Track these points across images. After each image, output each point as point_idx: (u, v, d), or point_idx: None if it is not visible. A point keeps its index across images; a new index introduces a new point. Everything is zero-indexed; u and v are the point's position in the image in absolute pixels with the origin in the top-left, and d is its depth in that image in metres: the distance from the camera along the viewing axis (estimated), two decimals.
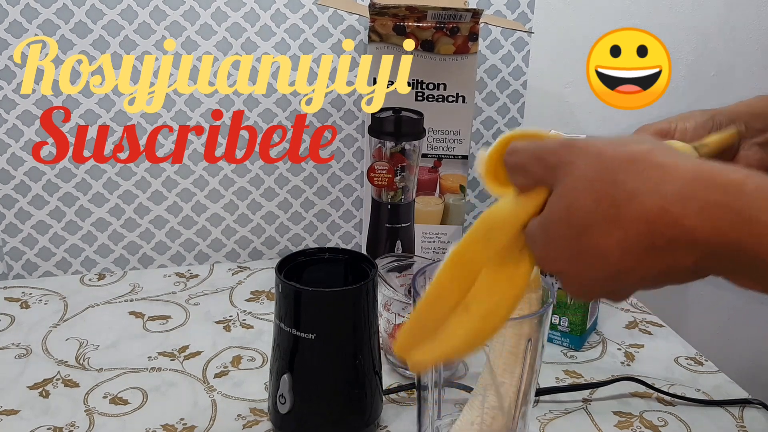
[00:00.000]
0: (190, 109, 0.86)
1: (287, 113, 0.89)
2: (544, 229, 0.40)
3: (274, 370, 0.58)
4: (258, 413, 0.63)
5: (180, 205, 0.90)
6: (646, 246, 0.36)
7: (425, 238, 0.79)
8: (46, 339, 0.74)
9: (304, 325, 0.55)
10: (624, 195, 0.36)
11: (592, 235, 0.37)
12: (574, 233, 0.38)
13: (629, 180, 0.36)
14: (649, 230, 0.36)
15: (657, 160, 0.37)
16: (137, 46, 0.82)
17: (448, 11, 0.71)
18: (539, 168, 0.41)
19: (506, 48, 0.93)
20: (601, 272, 0.38)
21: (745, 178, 0.35)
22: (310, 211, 0.95)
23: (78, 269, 0.90)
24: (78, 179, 0.85)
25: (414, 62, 0.73)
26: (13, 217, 0.85)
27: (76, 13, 0.79)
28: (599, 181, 0.37)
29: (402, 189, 0.78)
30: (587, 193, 0.38)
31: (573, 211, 0.38)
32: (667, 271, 0.37)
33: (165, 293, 0.85)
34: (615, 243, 0.37)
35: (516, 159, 0.42)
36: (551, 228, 0.40)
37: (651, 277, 0.37)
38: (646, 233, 0.36)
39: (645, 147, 0.38)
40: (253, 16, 0.84)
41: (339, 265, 0.62)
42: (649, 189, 0.36)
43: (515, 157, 0.42)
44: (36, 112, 0.81)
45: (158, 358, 0.71)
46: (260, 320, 0.79)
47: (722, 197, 0.34)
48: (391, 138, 0.76)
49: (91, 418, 0.62)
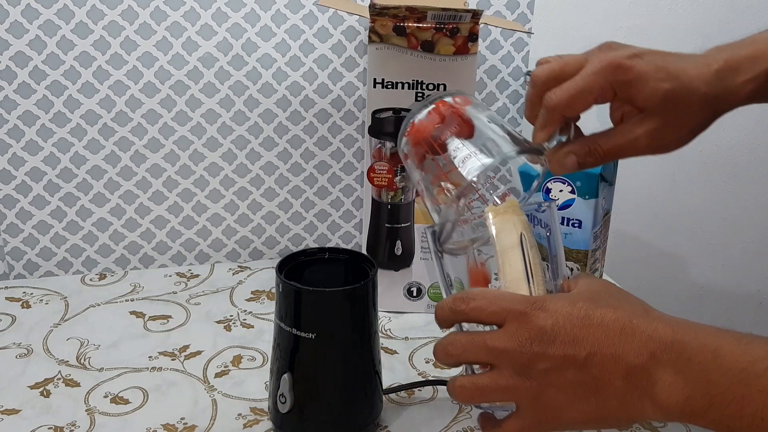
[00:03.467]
0: (190, 110, 0.86)
1: (287, 113, 0.89)
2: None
3: (275, 370, 0.58)
4: (258, 413, 0.63)
5: (180, 205, 0.90)
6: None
7: (425, 238, 0.80)
8: (47, 339, 0.74)
9: (305, 325, 0.55)
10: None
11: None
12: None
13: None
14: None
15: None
16: (138, 46, 0.82)
17: (448, 12, 0.71)
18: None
19: (506, 48, 0.93)
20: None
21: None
22: (310, 211, 0.95)
23: (79, 269, 0.90)
24: (79, 179, 0.86)
25: (414, 62, 0.74)
26: (14, 217, 0.85)
27: (76, 13, 0.79)
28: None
29: (402, 189, 0.78)
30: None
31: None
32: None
33: (166, 293, 0.85)
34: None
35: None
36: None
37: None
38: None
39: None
40: (253, 16, 0.84)
41: (339, 265, 0.62)
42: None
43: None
44: (37, 113, 0.81)
45: (159, 357, 0.72)
46: (261, 320, 0.80)
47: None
48: (391, 138, 0.76)
49: (91, 417, 0.62)
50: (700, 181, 1.14)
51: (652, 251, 1.17)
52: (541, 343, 0.42)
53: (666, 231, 1.16)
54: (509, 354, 0.43)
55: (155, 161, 0.87)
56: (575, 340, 0.42)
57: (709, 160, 1.12)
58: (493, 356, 0.44)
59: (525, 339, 0.42)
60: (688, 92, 0.49)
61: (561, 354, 0.42)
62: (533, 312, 0.43)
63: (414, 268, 0.81)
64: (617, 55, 0.49)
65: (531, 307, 0.43)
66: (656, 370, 0.40)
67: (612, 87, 0.49)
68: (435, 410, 0.65)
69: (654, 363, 0.40)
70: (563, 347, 0.42)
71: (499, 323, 0.44)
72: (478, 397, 0.46)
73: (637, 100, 0.49)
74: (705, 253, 1.20)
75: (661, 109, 0.49)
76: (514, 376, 0.43)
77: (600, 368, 0.41)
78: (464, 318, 0.46)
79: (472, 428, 0.62)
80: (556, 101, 0.49)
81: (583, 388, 0.42)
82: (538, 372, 0.42)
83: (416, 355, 0.74)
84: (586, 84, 0.49)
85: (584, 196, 0.72)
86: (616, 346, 0.41)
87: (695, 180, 1.14)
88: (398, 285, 0.81)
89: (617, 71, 0.48)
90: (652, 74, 0.48)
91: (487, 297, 0.45)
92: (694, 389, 0.39)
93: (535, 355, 0.42)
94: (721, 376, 0.38)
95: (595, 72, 0.49)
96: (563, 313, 0.42)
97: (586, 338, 0.42)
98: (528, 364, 0.43)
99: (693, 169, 1.12)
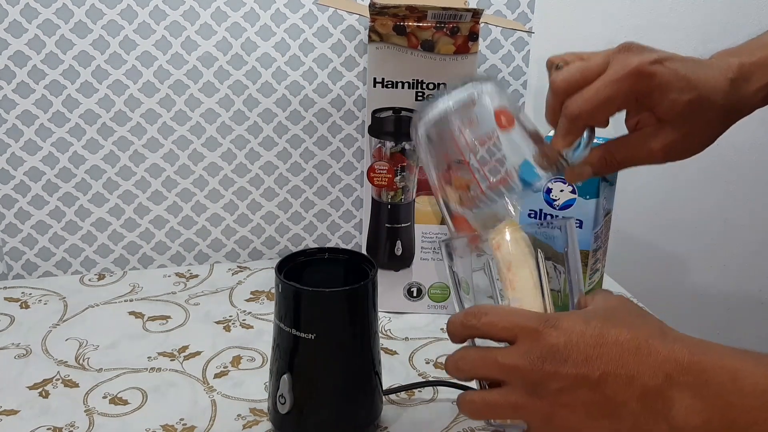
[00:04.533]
0: (190, 109, 0.86)
1: (287, 113, 0.89)
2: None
3: (274, 371, 0.58)
4: (258, 413, 0.63)
5: (180, 205, 0.90)
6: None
7: (425, 238, 0.79)
8: (45, 339, 0.74)
9: (304, 325, 0.55)
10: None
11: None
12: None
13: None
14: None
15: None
16: (137, 46, 0.82)
17: (448, 11, 0.71)
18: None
19: (506, 48, 0.93)
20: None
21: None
22: (310, 211, 0.95)
23: (78, 269, 0.90)
24: (78, 179, 0.85)
25: (414, 62, 0.73)
26: (12, 217, 0.85)
27: (75, 12, 0.79)
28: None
29: (402, 189, 0.78)
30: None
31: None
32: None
33: (165, 293, 0.85)
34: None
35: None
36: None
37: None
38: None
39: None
40: (253, 16, 0.84)
41: (339, 265, 0.62)
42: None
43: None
44: (36, 112, 0.81)
45: (158, 358, 0.71)
46: (260, 320, 0.79)
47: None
48: (391, 138, 0.76)
49: (90, 418, 0.62)
50: (702, 181, 1.14)
51: (653, 251, 1.16)
52: (554, 361, 0.41)
53: (667, 231, 1.16)
54: (520, 372, 0.42)
55: (154, 161, 0.87)
56: (588, 360, 0.41)
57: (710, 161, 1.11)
58: (504, 373, 0.43)
59: (537, 357, 0.41)
60: (707, 104, 0.48)
61: (574, 373, 0.41)
62: (546, 330, 0.42)
63: (414, 268, 0.80)
64: (640, 61, 0.48)
65: (544, 325, 0.42)
66: (673, 392, 0.39)
67: (633, 95, 0.48)
68: (435, 411, 0.65)
69: (670, 385, 0.39)
70: (576, 366, 0.41)
71: (511, 340, 0.43)
72: (486, 413, 0.45)
73: (658, 110, 0.49)
74: (706, 254, 1.19)
75: (680, 120, 0.48)
76: (525, 395, 0.42)
77: (614, 389, 0.40)
78: (476, 333, 0.45)
79: (472, 429, 0.62)
80: (576, 111, 0.48)
81: (596, 409, 0.41)
82: (550, 392, 0.41)
83: (416, 355, 0.74)
84: (608, 93, 0.47)
85: (585, 196, 0.72)
86: (630, 366, 0.40)
87: (696, 180, 1.13)
88: (398, 285, 0.81)
89: (640, 79, 0.47)
90: (674, 83, 0.47)
91: (500, 313, 0.44)
92: (713, 412, 0.38)
93: (546, 374, 0.41)
94: (740, 399, 0.38)
95: (617, 79, 0.47)
96: (577, 332, 0.41)
97: (599, 358, 0.41)
98: (540, 382, 0.42)
99: (694, 170, 1.12)
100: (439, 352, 0.74)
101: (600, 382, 0.40)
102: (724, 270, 1.21)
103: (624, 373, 0.40)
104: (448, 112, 0.52)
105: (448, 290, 0.81)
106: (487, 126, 0.51)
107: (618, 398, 0.40)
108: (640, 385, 0.40)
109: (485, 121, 0.51)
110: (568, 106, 0.49)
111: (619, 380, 0.40)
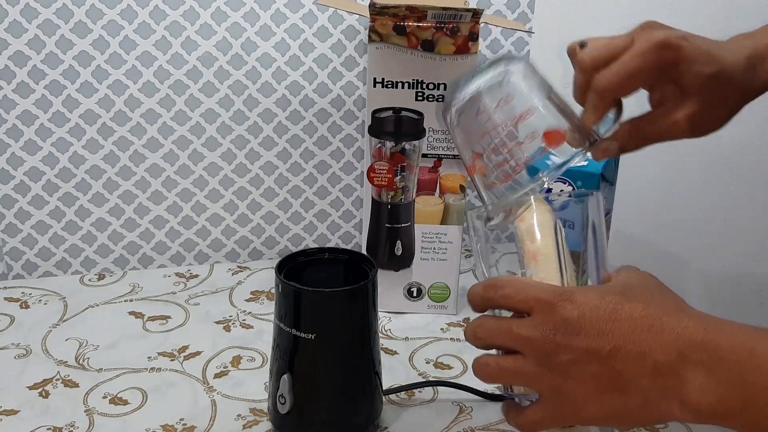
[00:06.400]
0: (190, 109, 0.86)
1: (287, 113, 0.89)
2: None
3: (274, 371, 0.58)
4: (258, 413, 0.63)
5: (180, 205, 0.90)
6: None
7: (425, 238, 0.79)
8: (45, 339, 0.74)
9: (304, 325, 0.55)
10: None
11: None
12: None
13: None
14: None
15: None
16: (137, 46, 0.82)
17: (449, 11, 0.71)
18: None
19: (506, 48, 0.93)
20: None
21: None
22: (310, 211, 0.95)
23: (78, 269, 0.90)
24: (78, 179, 0.85)
25: (414, 62, 0.73)
26: (12, 217, 0.85)
27: (75, 12, 0.79)
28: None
29: (402, 189, 0.78)
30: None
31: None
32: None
33: (165, 293, 0.85)
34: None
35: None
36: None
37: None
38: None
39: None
40: (253, 16, 0.84)
41: (339, 265, 0.62)
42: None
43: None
44: (36, 112, 0.81)
45: (158, 358, 0.71)
46: (260, 320, 0.79)
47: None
48: (391, 138, 0.76)
49: (90, 418, 0.62)
50: (702, 181, 1.14)
51: (653, 251, 1.16)
52: (566, 334, 0.41)
53: (667, 231, 1.16)
54: (533, 342, 0.43)
55: (154, 161, 0.87)
56: (600, 334, 0.41)
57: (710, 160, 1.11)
58: (518, 343, 0.43)
59: (549, 329, 0.42)
60: (727, 78, 0.50)
61: (585, 346, 0.41)
62: (560, 303, 0.42)
63: (414, 268, 0.80)
64: (666, 34, 0.50)
65: (558, 298, 0.42)
66: (686, 370, 0.39)
67: (660, 67, 0.49)
68: (435, 411, 0.65)
69: (683, 363, 0.39)
70: (587, 340, 0.41)
71: (527, 312, 0.44)
72: (498, 377, 0.46)
73: (683, 80, 0.50)
74: (706, 254, 1.19)
75: (702, 92, 0.50)
76: (536, 365, 0.43)
77: (623, 364, 0.40)
78: (494, 305, 0.46)
79: (472, 429, 0.62)
80: (606, 84, 0.49)
81: (606, 383, 0.41)
82: (561, 363, 0.42)
83: (416, 355, 0.74)
84: (637, 64, 0.49)
85: None
86: (642, 342, 0.40)
87: (697, 180, 1.13)
88: (398, 285, 0.81)
89: (667, 51, 0.49)
90: (698, 57, 0.49)
91: (516, 285, 0.45)
92: (728, 390, 0.38)
93: (558, 346, 0.42)
94: (758, 377, 0.37)
95: (644, 51, 0.49)
96: (591, 305, 0.42)
97: (611, 332, 0.41)
98: (551, 354, 0.42)
99: (694, 169, 1.11)
100: (439, 352, 0.74)
101: (610, 357, 0.41)
102: (724, 270, 1.21)
103: (635, 349, 0.40)
104: (480, 91, 0.53)
105: (448, 290, 0.81)
106: (520, 105, 0.52)
107: (628, 374, 0.41)
108: (652, 361, 0.40)
109: (517, 101, 0.52)
110: (597, 80, 0.50)
111: (630, 356, 0.40)
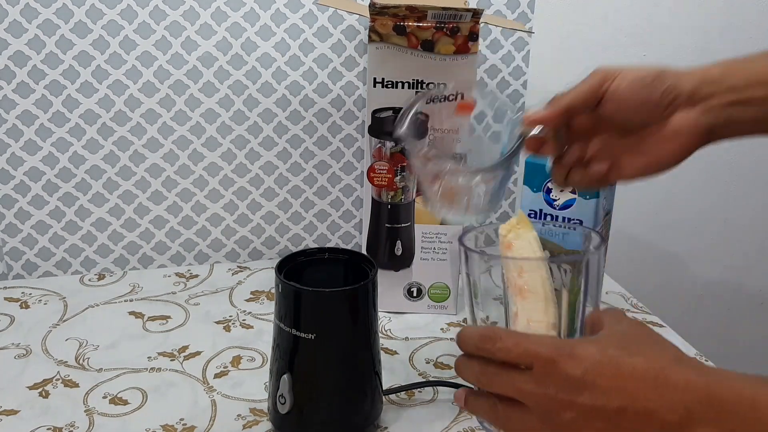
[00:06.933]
0: (190, 109, 0.86)
1: (287, 113, 0.89)
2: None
3: (274, 371, 0.58)
4: (258, 413, 0.63)
5: (180, 205, 0.90)
6: None
7: (425, 238, 0.79)
8: (45, 339, 0.74)
9: (304, 325, 0.55)
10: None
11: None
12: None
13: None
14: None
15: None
16: (137, 46, 0.82)
17: (449, 11, 0.71)
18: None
19: (506, 48, 0.93)
20: None
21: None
22: (310, 211, 0.95)
23: (78, 269, 0.90)
24: (78, 179, 0.85)
25: (414, 62, 0.73)
26: (12, 217, 0.85)
27: (75, 12, 0.79)
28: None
29: (402, 189, 0.78)
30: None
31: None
32: None
33: (165, 293, 0.85)
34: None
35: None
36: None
37: None
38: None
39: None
40: (253, 16, 0.84)
41: (339, 265, 0.62)
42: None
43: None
44: (36, 112, 0.81)
45: (158, 358, 0.71)
46: (260, 320, 0.79)
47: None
48: (391, 138, 0.76)
49: (90, 418, 0.62)
50: (702, 181, 1.14)
51: (653, 252, 1.16)
52: (570, 392, 0.41)
53: (667, 231, 1.16)
54: (536, 398, 0.42)
55: (154, 161, 0.87)
56: (605, 391, 0.40)
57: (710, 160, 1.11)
58: (521, 396, 0.43)
59: (552, 387, 0.42)
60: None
61: (589, 404, 0.41)
62: (561, 359, 0.42)
63: (414, 268, 0.80)
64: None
65: (558, 353, 0.42)
66: (694, 428, 0.39)
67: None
68: (435, 411, 0.65)
69: (690, 420, 0.39)
70: (592, 397, 0.41)
71: (527, 366, 0.43)
72: (502, 424, 0.46)
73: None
74: (706, 254, 1.19)
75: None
76: (539, 420, 0.42)
77: (631, 423, 0.40)
78: (490, 357, 0.45)
79: (472, 429, 0.62)
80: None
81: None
82: (564, 421, 0.41)
83: (416, 355, 0.74)
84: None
85: (585, 196, 0.72)
86: (649, 400, 0.40)
87: (697, 180, 1.13)
88: (398, 285, 0.81)
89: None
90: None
91: (514, 338, 0.44)
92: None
93: (562, 404, 0.41)
94: (761, 428, 0.38)
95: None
96: (593, 361, 0.41)
97: (616, 390, 0.40)
98: (554, 411, 0.42)
99: (694, 169, 1.12)
100: (439, 352, 0.74)
101: (617, 415, 0.40)
102: (724, 270, 1.21)
103: (642, 408, 0.40)
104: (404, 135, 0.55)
105: (448, 290, 0.81)
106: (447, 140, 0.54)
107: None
108: (659, 420, 0.40)
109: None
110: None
111: (638, 415, 0.40)
